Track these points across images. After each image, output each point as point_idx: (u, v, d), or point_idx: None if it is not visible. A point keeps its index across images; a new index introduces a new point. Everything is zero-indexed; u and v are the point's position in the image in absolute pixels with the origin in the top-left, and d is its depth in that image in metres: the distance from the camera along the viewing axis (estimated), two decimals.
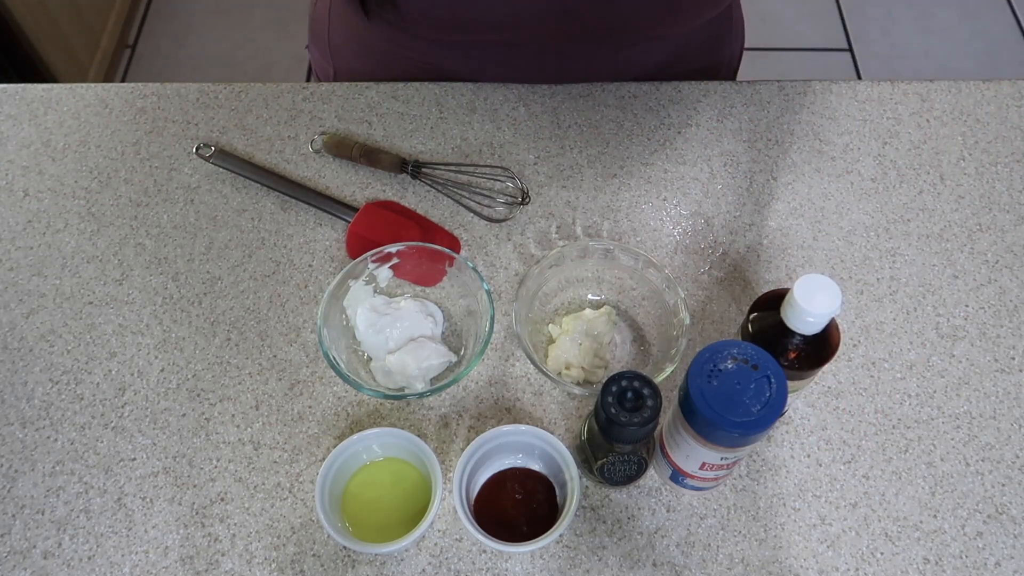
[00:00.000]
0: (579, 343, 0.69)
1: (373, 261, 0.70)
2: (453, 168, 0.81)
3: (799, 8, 2.10)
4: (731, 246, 0.78)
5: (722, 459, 0.57)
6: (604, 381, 0.57)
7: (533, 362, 0.66)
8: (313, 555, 0.63)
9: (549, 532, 0.58)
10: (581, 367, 0.69)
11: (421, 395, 0.66)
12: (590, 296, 0.74)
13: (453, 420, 0.69)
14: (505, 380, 0.71)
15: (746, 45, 1.01)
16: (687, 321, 0.66)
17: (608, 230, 0.78)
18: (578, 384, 0.68)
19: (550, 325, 0.72)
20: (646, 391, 0.56)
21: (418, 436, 0.62)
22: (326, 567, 0.63)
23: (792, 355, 0.58)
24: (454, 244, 0.77)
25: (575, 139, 0.84)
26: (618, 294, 0.73)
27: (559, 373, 0.69)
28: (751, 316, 0.60)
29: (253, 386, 0.70)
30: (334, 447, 0.62)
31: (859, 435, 0.68)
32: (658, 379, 0.62)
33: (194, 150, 0.81)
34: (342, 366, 0.66)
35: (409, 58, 0.88)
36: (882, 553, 0.63)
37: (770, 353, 0.54)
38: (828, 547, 0.64)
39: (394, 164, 0.81)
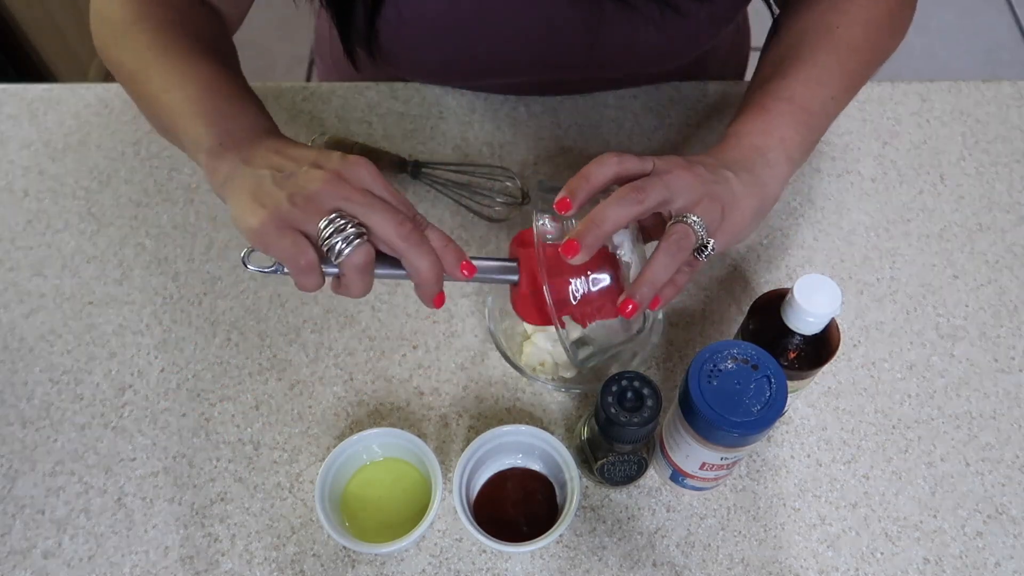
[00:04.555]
0: (554, 339, 0.69)
1: None
2: (453, 168, 0.81)
3: None
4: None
5: (722, 459, 0.57)
6: (604, 381, 0.57)
7: (506, 357, 0.66)
8: (313, 555, 0.63)
9: (549, 532, 0.58)
10: (555, 363, 0.69)
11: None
12: None
13: (453, 420, 0.69)
14: (505, 380, 0.71)
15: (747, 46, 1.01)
16: (659, 316, 0.67)
17: None
18: (552, 380, 0.68)
19: (526, 325, 0.72)
20: (646, 391, 0.56)
21: (418, 436, 0.62)
22: (326, 567, 0.63)
23: (792, 355, 0.58)
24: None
25: (575, 139, 0.84)
26: None
27: (533, 369, 0.69)
28: (751, 316, 0.60)
29: (253, 386, 0.70)
30: (334, 447, 0.62)
31: (859, 435, 0.68)
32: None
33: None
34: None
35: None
36: (882, 553, 0.63)
37: (770, 353, 0.54)
38: (828, 547, 0.64)
39: (394, 164, 0.81)
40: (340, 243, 0.48)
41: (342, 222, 0.48)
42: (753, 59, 1.02)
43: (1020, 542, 0.64)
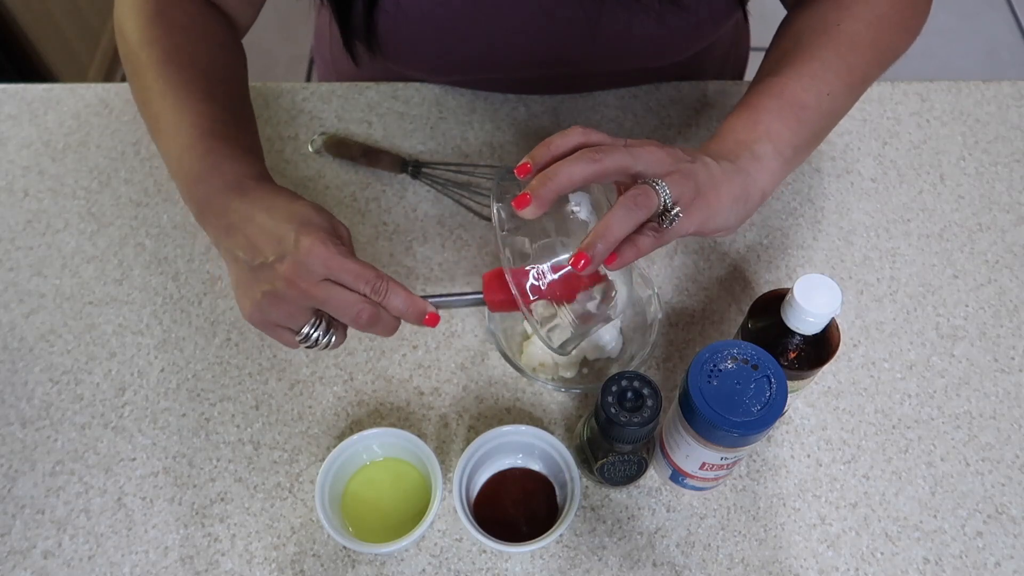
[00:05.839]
0: None
1: None
2: (453, 168, 0.81)
3: None
4: (731, 246, 0.78)
5: (722, 459, 0.57)
6: (604, 381, 0.57)
7: (506, 358, 0.66)
8: (313, 555, 0.63)
9: (549, 532, 0.58)
10: (555, 363, 0.69)
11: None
12: None
13: (453, 420, 0.69)
14: (505, 380, 0.71)
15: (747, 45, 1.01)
16: (659, 315, 0.67)
17: None
18: (552, 380, 0.68)
19: (525, 322, 0.72)
20: (646, 391, 0.56)
21: (418, 436, 0.62)
22: (326, 567, 0.63)
23: (792, 355, 0.58)
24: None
25: None
26: None
27: (533, 369, 0.69)
28: (751, 316, 0.60)
29: (253, 386, 0.70)
30: (334, 447, 0.62)
31: (859, 435, 0.68)
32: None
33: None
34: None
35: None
36: (882, 553, 0.63)
37: (770, 353, 0.54)
38: (828, 547, 0.64)
39: (394, 164, 0.81)
40: (319, 336, 0.56)
41: (315, 320, 0.56)
42: (752, 59, 1.02)
43: (1020, 542, 0.64)
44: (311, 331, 0.56)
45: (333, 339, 0.57)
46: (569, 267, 0.54)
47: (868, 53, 0.65)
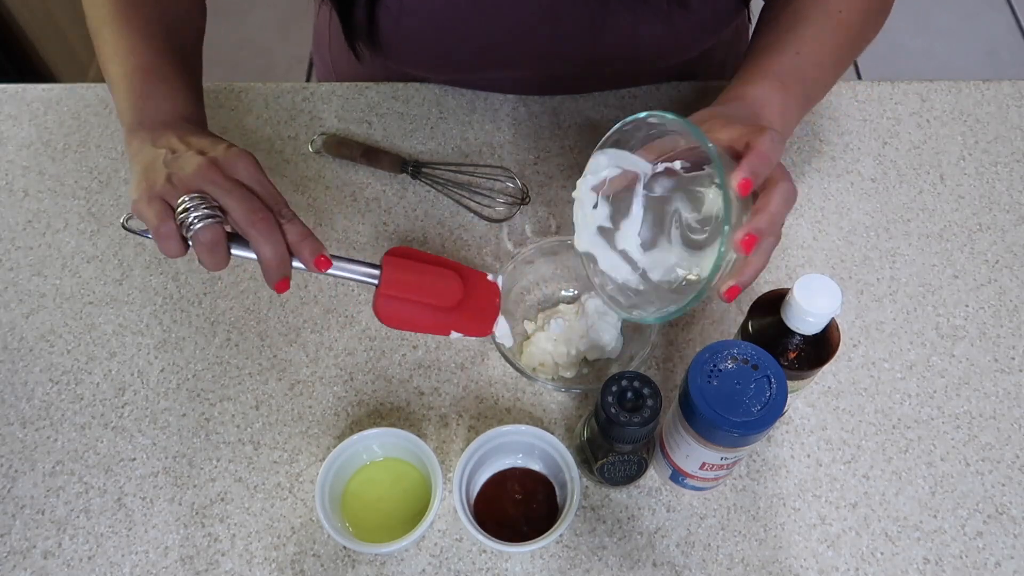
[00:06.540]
0: (553, 339, 0.69)
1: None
2: (453, 168, 0.81)
3: None
4: None
5: (722, 459, 0.57)
6: (604, 381, 0.57)
7: (506, 358, 0.66)
8: (313, 555, 0.63)
9: (549, 532, 0.58)
10: (555, 363, 0.69)
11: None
12: (564, 292, 0.74)
13: (453, 420, 0.69)
14: (505, 380, 0.71)
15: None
16: None
17: None
18: (552, 380, 0.68)
19: (525, 322, 0.72)
20: (646, 391, 0.56)
21: (418, 436, 0.62)
22: (326, 567, 0.63)
23: (792, 355, 0.58)
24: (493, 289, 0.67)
25: (575, 139, 0.84)
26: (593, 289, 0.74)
27: (533, 369, 0.69)
28: (751, 316, 0.60)
29: (253, 386, 0.70)
30: (334, 447, 0.62)
31: (859, 435, 0.68)
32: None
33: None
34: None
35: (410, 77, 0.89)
36: (882, 553, 0.63)
37: (770, 353, 0.54)
38: (828, 547, 0.64)
39: (394, 164, 0.81)
40: (193, 220, 0.52)
41: (200, 202, 0.52)
42: None
43: (1020, 542, 0.64)
44: (189, 205, 0.52)
45: (204, 229, 0.52)
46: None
47: (856, 45, 0.69)
